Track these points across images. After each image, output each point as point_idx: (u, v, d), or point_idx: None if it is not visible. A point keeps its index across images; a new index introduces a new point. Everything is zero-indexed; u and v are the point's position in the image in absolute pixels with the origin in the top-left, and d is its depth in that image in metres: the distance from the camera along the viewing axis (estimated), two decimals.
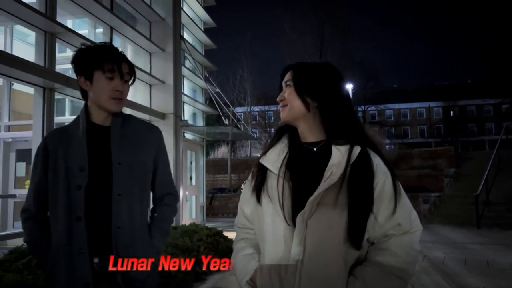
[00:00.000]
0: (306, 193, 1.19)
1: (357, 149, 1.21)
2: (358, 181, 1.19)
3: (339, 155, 1.21)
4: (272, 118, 35.93)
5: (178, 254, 5.10)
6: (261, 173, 1.31)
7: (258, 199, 1.28)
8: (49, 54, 5.25)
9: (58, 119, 6.31)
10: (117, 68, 1.46)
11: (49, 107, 5.17)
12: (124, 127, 1.54)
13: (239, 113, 24.35)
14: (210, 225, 7.81)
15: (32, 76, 4.85)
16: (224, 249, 6.14)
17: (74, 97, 5.67)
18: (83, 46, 1.51)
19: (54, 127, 5.50)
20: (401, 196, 1.24)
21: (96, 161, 1.47)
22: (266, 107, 32.81)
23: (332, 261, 1.16)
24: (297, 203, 1.21)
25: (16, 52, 5.95)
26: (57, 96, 5.66)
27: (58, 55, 5.72)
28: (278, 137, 1.36)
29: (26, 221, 1.54)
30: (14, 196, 6.69)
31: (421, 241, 1.25)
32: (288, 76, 1.33)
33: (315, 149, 1.28)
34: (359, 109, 41.49)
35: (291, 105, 1.29)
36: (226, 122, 10.11)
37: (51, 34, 5.32)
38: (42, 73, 5.00)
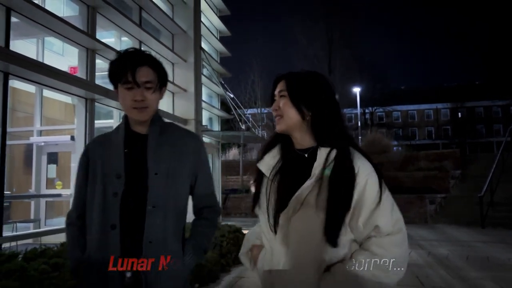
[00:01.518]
0: (291, 195, 1.24)
1: (333, 152, 1.25)
2: (338, 182, 1.21)
3: (320, 157, 1.25)
4: None
5: None
6: (259, 177, 1.38)
7: (254, 206, 1.37)
8: (90, 68, 5.88)
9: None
10: (132, 78, 1.41)
11: (90, 115, 5.79)
12: (162, 135, 1.50)
13: (247, 115, 25.00)
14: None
15: (76, 88, 5.48)
16: None
17: (112, 107, 6.27)
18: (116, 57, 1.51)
19: (93, 133, 6.09)
20: (383, 199, 1.22)
21: (133, 169, 1.44)
22: None
23: (309, 259, 1.20)
24: (282, 204, 1.26)
25: (46, 60, 6.55)
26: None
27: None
28: (273, 143, 1.39)
29: (67, 227, 1.55)
30: (59, 195, 7.28)
31: (427, 239, 1.31)
32: (281, 86, 1.33)
33: (306, 155, 1.31)
34: (367, 110, 41.78)
35: (286, 115, 1.30)
36: (243, 127, 10.68)
37: (92, 50, 5.96)
38: (85, 85, 5.63)
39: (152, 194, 1.40)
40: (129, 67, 1.40)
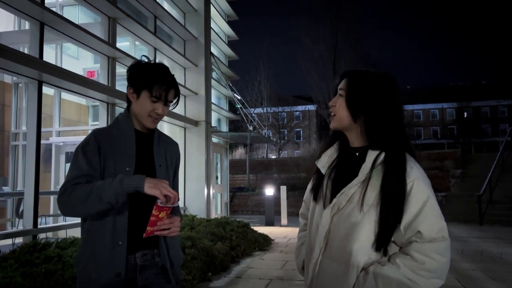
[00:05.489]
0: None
1: (382, 155, 1.25)
2: (388, 187, 1.20)
3: (369, 159, 1.26)
4: (285, 120, 36.87)
5: (216, 240, 6.15)
6: (319, 174, 1.42)
7: (315, 198, 1.39)
8: (111, 75, 6.39)
9: None
10: (164, 95, 1.57)
11: (112, 118, 6.29)
12: (159, 137, 1.73)
13: (253, 115, 25.59)
14: None
15: (100, 94, 5.99)
16: (251, 238, 7.21)
17: None
18: (143, 59, 1.64)
19: None
20: (428, 204, 1.20)
21: (141, 162, 1.61)
22: (280, 109, 33.77)
23: (347, 257, 1.21)
24: (332, 201, 1.30)
25: (64, 64, 7.03)
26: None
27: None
28: (330, 142, 1.42)
29: (75, 186, 1.50)
30: None
31: None
32: (342, 84, 1.34)
33: (357, 154, 1.32)
34: None
35: (339, 115, 1.32)
36: (251, 128, 11.14)
37: (112, 58, 6.47)
38: (106, 91, 6.12)
39: None
40: (165, 87, 1.57)
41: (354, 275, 1.20)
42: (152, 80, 1.55)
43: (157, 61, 1.69)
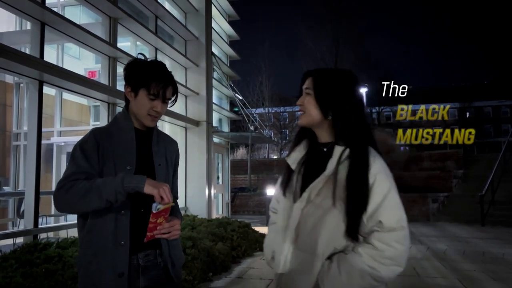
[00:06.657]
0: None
1: (347, 151, 1.31)
2: (353, 181, 1.27)
3: (336, 154, 1.32)
4: (287, 120, 36.87)
5: (217, 241, 6.14)
6: (288, 170, 1.47)
7: (284, 193, 1.46)
8: (112, 75, 6.39)
9: None
10: (162, 93, 1.57)
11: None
12: (158, 136, 1.72)
13: (255, 115, 25.61)
14: None
15: (101, 94, 5.99)
16: (252, 238, 7.21)
17: None
18: (140, 57, 1.63)
19: None
20: (388, 196, 1.27)
21: (141, 161, 1.60)
22: (282, 109, 33.80)
23: (315, 248, 1.28)
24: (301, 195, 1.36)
25: (65, 65, 7.04)
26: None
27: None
28: (299, 139, 1.47)
29: (75, 181, 1.47)
30: None
31: (427, 235, 1.25)
32: (308, 83, 1.38)
33: (325, 149, 1.38)
34: (374, 110, 41.93)
35: (308, 113, 1.37)
36: (252, 128, 11.14)
37: (113, 58, 6.47)
38: (107, 91, 6.12)
39: (158, 181, 1.58)
40: (163, 84, 1.56)
41: (319, 264, 1.27)
42: (149, 78, 1.55)
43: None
